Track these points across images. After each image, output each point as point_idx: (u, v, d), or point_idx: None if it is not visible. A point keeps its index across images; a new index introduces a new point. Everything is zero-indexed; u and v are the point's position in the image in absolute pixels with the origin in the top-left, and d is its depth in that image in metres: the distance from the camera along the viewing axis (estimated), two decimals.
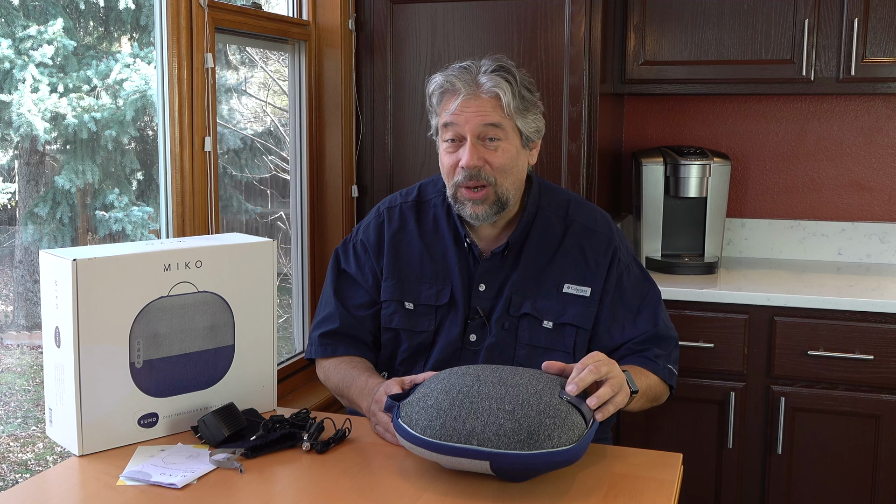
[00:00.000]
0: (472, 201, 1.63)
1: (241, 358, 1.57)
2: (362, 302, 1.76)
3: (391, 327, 1.73)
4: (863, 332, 2.31)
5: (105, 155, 2.72)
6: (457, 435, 1.26)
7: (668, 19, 2.63)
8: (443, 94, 1.64)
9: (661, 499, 1.28)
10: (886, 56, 2.48)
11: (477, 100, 1.60)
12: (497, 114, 1.60)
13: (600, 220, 1.75)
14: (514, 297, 1.67)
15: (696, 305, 2.42)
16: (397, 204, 1.80)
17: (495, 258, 1.70)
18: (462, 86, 1.60)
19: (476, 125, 1.60)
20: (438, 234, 1.74)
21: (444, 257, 1.72)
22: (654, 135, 3.02)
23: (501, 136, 1.61)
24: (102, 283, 1.38)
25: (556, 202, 1.75)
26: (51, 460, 2.73)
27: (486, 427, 1.25)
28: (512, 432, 1.24)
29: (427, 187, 1.81)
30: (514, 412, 1.26)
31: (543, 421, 1.26)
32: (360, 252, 1.78)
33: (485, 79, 1.60)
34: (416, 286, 1.72)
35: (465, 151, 1.60)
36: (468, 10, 2.50)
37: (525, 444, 1.24)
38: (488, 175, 1.61)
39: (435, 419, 1.28)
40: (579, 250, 1.70)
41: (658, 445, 1.71)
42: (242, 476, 1.34)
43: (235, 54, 3.23)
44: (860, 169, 2.86)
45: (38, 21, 2.51)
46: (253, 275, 1.57)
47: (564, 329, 1.66)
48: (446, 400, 1.29)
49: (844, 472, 2.37)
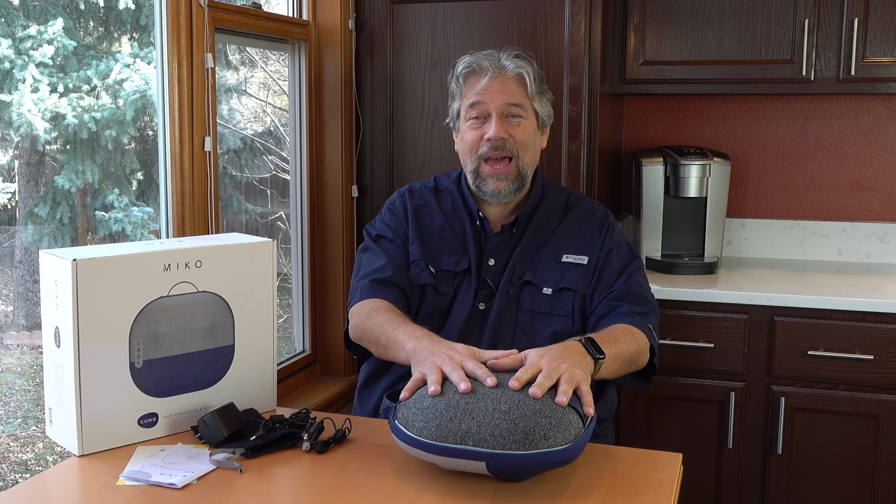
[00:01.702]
0: (494, 177, 1.76)
1: (241, 358, 1.57)
2: (402, 260, 1.83)
3: (419, 284, 1.80)
4: (863, 332, 2.31)
5: (105, 155, 2.73)
6: (452, 436, 1.26)
7: (668, 19, 2.63)
8: (469, 75, 1.78)
9: (661, 499, 1.28)
10: (886, 56, 2.48)
11: (502, 78, 1.75)
12: (520, 93, 1.76)
13: (598, 207, 1.90)
14: (516, 267, 1.78)
15: (696, 305, 2.42)
16: (417, 188, 1.93)
17: (504, 233, 1.81)
18: (489, 65, 1.76)
19: (501, 103, 1.75)
20: (456, 213, 1.87)
21: (462, 231, 1.83)
22: (654, 135, 3.02)
23: (523, 114, 1.77)
24: (102, 283, 1.38)
25: (558, 193, 1.91)
26: (51, 460, 2.73)
27: (482, 428, 1.25)
28: (508, 432, 1.24)
29: (441, 178, 1.94)
30: (509, 412, 1.26)
31: (539, 421, 1.26)
32: (391, 219, 1.88)
33: (508, 62, 1.77)
34: (437, 254, 1.82)
35: (490, 125, 1.75)
36: (468, 10, 2.50)
37: (521, 445, 1.24)
38: (512, 147, 1.75)
39: (431, 420, 1.28)
40: (577, 226, 1.84)
41: (658, 445, 1.71)
42: (242, 476, 1.34)
43: (235, 54, 3.23)
44: (860, 169, 2.86)
45: (38, 21, 2.51)
46: (253, 275, 1.57)
47: (563, 294, 1.77)
48: (442, 400, 1.30)
49: (844, 472, 2.37)
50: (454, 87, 1.82)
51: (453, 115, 1.85)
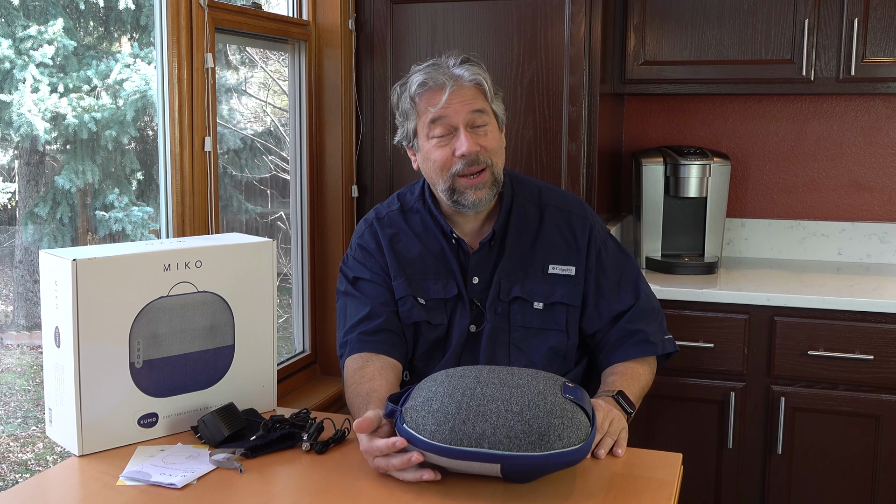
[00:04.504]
0: (472, 188, 1.67)
1: (241, 358, 1.57)
2: (387, 299, 1.74)
3: (411, 322, 1.73)
4: (863, 332, 2.31)
5: (105, 155, 2.72)
6: (467, 439, 1.25)
7: (668, 19, 2.63)
8: (425, 93, 1.67)
9: (661, 499, 1.28)
10: (886, 56, 2.48)
11: (462, 90, 1.66)
12: (481, 100, 1.68)
13: (572, 200, 1.82)
14: (502, 282, 1.72)
15: (696, 305, 2.42)
16: (384, 214, 1.81)
17: (483, 249, 1.74)
18: (445, 79, 1.66)
19: (465, 113, 1.66)
20: (429, 234, 1.77)
21: (440, 252, 1.75)
22: (654, 135, 3.02)
23: (487, 120, 1.69)
24: (102, 283, 1.38)
25: (527, 189, 1.81)
26: (51, 460, 2.73)
27: (497, 430, 1.25)
28: (523, 434, 1.24)
29: (405, 196, 1.83)
30: (522, 413, 1.26)
31: (552, 421, 1.26)
32: (364, 258, 1.78)
33: (460, 70, 1.68)
34: (422, 283, 1.74)
35: (460, 140, 1.65)
36: (468, 10, 2.50)
37: (536, 446, 1.24)
38: (485, 158, 1.67)
39: (443, 423, 1.26)
40: (558, 232, 1.76)
41: (658, 445, 1.71)
42: (242, 476, 1.34)
43: (235, 54, 3.23)
44: (860, 169, 2.86)
45: (38, 21, 2.51)
46: (253, 275, 1.57)
47: (555, 308, 1.72)
48: (452, 403, 1.28)
49: (844, 472, 2.37)
50: (407, 106, 1.70)
51: (409, 133, 1.72)
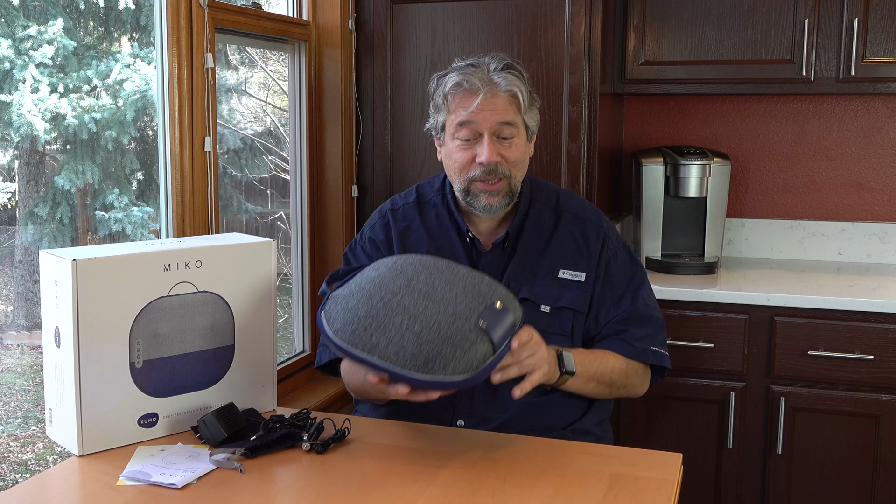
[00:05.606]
0: (487, 193, 1.68)
1: (241, 358, 1.57)
2: None
3: None
4: (863, 332, 2.31)
5: (105, 155, 2.72)
6: (362, 345, 1.33)
7: (668, 19, 2.63)
8: (458, 93, 1.67)
9: (661, 499, 1.28)
10: (886, 56, 2.48)
11: (495, 98, 1.64)
12: (512, 111, 1.66)
13: (589, 209, 1.82)
14: (511, 283, 1.71)
15: (696, 305, 2.42)
16: (399, 206, 1.83)
17: (496, 249, 1.74)
18: (480, 84, 1.64)
19: (493, 123, 1.65)
20: (443, 230, 1.77)
21: (450, 249, 1.75)
22: (654, 135, 3.02)
23: (514, 133, 1.67)
24: (102, 283, 1.38)
25: (546, 194, 1.81)
26: (51, 460, 2.73)
27: (390, 344, 1.32)
28: (411, 356, 1.31)
29: (424, 188, 1.84)
30: (419, 335, 1.32)
31: (444, 349, 1.31)
32: (371, 250, 1.79)
33: (498, 77, 1.65)
34: None
35: (483, 148, 1.65)
36: (468, 10, 2.50)
37: (421, 369, 1.31)
38: (504, 169, 1.67)
39: (348, 325, 1.35)
40: (571, 238, 1.76)
41: (658, 445, 1.71)
42: (242, 476, 1.34)
43: (235, 54, 3.23)
44: (860, 169, 2.86)
45: (38, 21, 2.50)
46: (253, 275, 1.57)
47: (562, 313, 1.71)
48: (363, 307, 1.35)
49: (844, 472, 2.37)
50: (440, 101, 1.70)
51: (438, 126, 1.73)
